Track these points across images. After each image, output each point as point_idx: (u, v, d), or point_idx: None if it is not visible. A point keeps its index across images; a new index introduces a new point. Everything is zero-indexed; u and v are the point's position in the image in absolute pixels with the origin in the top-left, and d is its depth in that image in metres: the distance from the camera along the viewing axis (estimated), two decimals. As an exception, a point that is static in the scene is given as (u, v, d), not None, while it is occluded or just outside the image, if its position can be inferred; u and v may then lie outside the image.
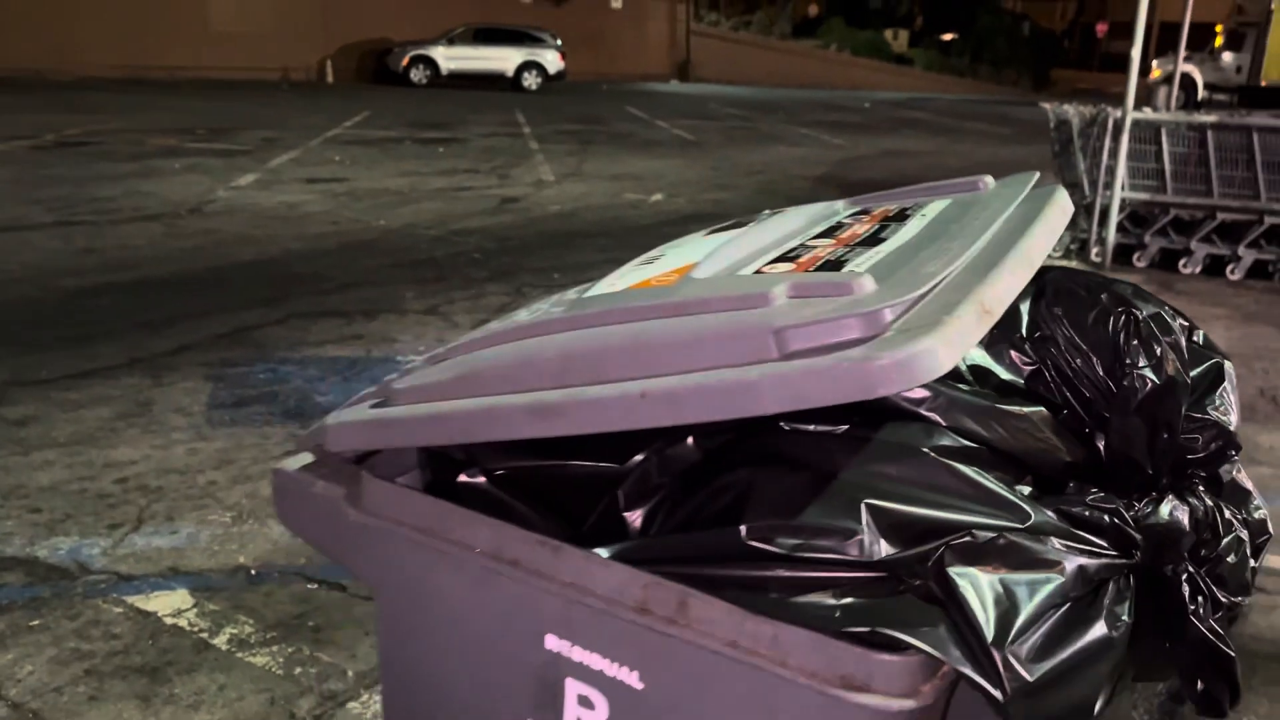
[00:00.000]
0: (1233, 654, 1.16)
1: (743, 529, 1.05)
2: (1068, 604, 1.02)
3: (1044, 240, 1.22)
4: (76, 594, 3.07)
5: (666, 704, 1.15)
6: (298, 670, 2.77)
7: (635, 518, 1.17)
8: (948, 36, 45.82)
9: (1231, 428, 1.28)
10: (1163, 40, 45.47)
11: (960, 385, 1.23)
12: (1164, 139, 8.40)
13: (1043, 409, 1.24)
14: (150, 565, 3.24)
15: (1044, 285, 1.37)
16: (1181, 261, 8.38)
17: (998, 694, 0.96)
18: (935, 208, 1.39)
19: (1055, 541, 1.05)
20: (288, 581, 3.20)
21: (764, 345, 0.99)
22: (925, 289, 1.03)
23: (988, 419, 1.20)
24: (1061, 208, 1.36)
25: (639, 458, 1.17)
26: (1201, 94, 27.60)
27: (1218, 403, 1.28)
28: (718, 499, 1.10)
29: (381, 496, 1.32)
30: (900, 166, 15.02)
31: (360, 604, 3.09)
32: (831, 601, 1.02)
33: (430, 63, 27.20)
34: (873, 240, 1.28)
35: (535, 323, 1.22)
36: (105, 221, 8.46)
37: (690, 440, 1.18)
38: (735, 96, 29.84)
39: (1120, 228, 8.52)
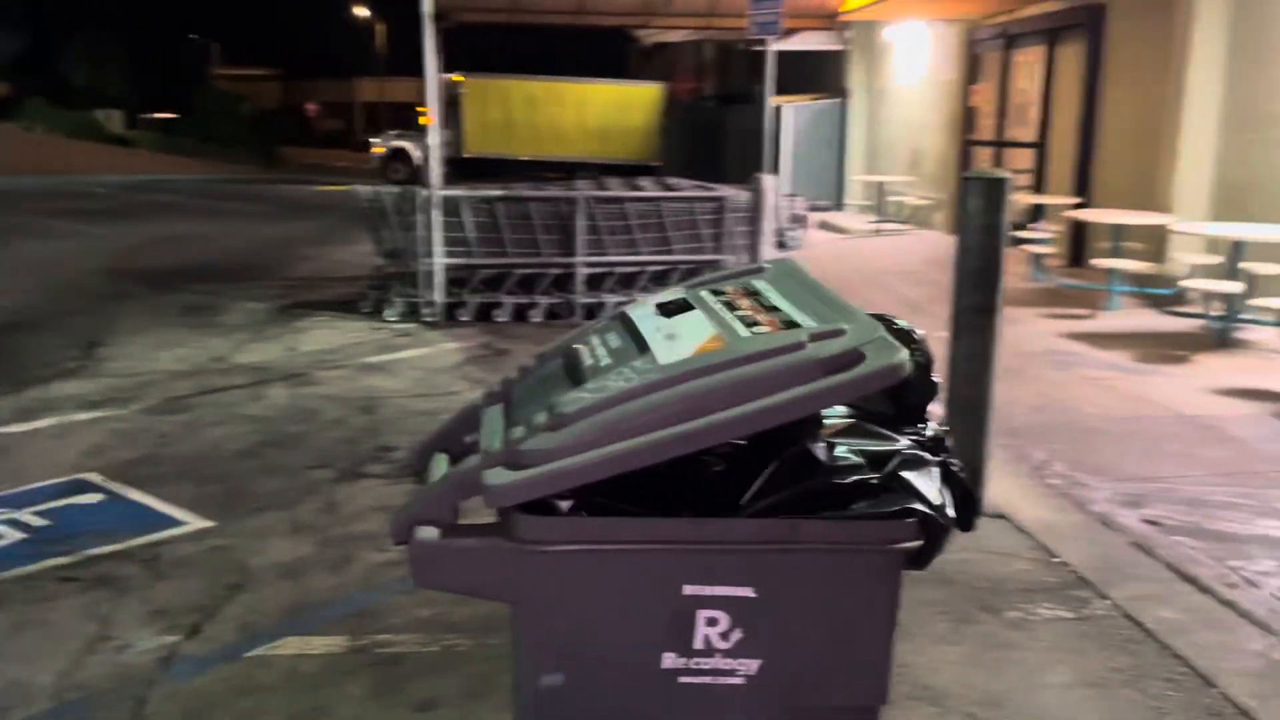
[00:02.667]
0: (976, 494, 2.13)
1: (819, 480, 1.74)
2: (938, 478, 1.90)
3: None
4: None
5: (772, 598, 1.80)
6: None
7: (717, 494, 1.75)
8: (163, 115, 44.89)
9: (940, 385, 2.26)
10: (373, 119, 50.13)
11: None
12: (464, 211, 9.91)
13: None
14: None
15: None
16: (495, 312, 9.95)
17: (948, 524, 1.88)
18: (764, 284, 2.16)
19: (924, 454, 1.97)
20: None
21: (814, 371, 1.71)
22: (879, 332, 1.80)
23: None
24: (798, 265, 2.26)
25: (702, 463, 1.72)
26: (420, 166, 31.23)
27: (935, 375, 2.23)
28: (784, 468, 1.75)
29: (538, 527, 1.69)
30: (190, 252, 14.79)
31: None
32: (867, 503, 1.81)
33: None
34: (774, 308, 2.01)
35: (639, 386, 1.69)
36: None
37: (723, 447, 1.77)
38: (-71, 188, 25.77)
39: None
